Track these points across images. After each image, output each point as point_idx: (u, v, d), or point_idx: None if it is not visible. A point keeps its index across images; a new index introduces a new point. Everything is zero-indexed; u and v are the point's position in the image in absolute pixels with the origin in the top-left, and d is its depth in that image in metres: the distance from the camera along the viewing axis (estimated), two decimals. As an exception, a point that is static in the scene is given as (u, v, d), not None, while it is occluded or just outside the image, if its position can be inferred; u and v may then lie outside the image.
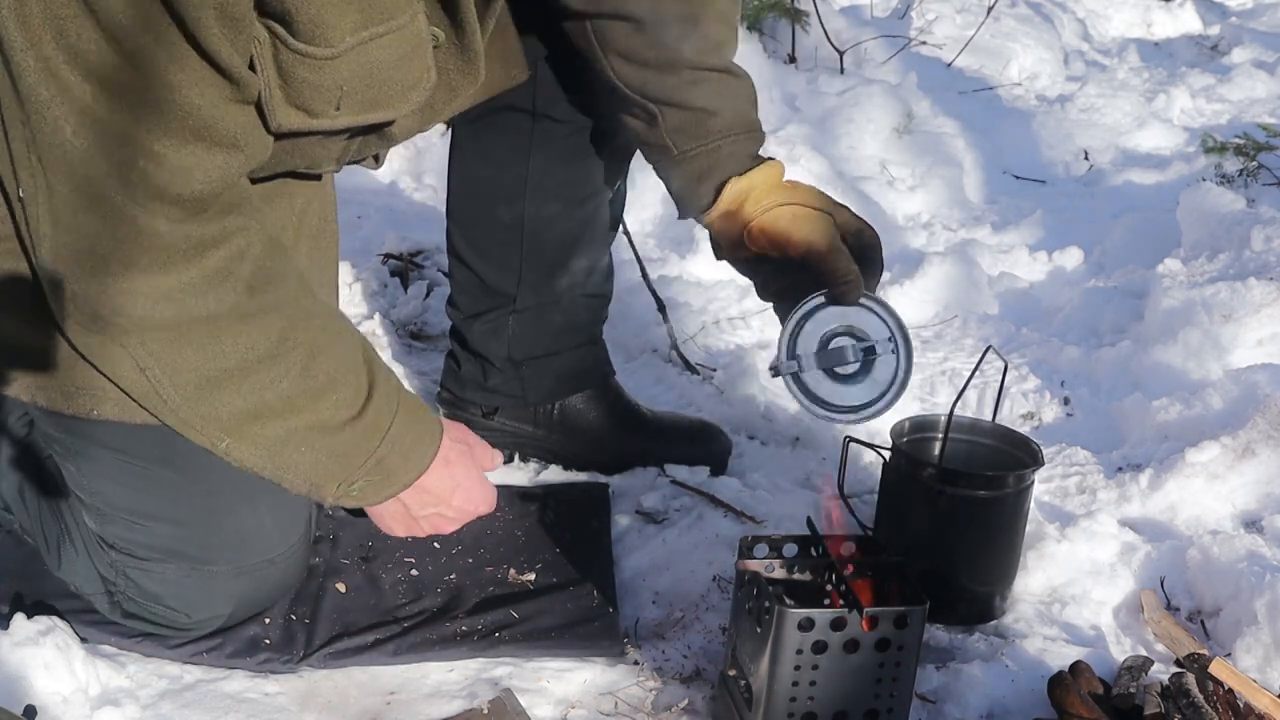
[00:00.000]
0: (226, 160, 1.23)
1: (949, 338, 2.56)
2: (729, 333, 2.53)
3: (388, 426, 1.41)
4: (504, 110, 1.79)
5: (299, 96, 1.26)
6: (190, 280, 1.25)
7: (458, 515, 1.52)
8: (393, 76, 1.29)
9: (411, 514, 1.49)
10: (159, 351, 1.28)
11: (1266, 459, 1.91)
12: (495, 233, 1.88)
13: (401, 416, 1.42)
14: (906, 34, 4.62)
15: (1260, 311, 2.29)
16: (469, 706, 1.46)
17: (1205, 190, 2.87)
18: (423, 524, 1.51)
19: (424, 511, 1.50)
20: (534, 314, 1.92)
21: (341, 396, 1.38)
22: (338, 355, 1.38)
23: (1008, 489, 1.62)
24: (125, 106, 1.16)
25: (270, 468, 1.37)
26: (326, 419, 1.37)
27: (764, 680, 1.34)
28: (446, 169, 1.93)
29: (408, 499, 1.47)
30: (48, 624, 1.43)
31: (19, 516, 1.59)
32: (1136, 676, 1.49)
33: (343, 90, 1.27)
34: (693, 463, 1.97)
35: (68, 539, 1.52)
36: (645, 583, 1.71)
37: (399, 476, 1.44)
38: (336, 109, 1.29)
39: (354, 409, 1.38)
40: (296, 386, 1.34)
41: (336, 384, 1.37)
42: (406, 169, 3.29)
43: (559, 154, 1.81)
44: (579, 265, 1.91)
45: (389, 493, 1.45)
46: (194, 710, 1.43)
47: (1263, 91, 4.68)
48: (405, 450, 1.43)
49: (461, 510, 1.52)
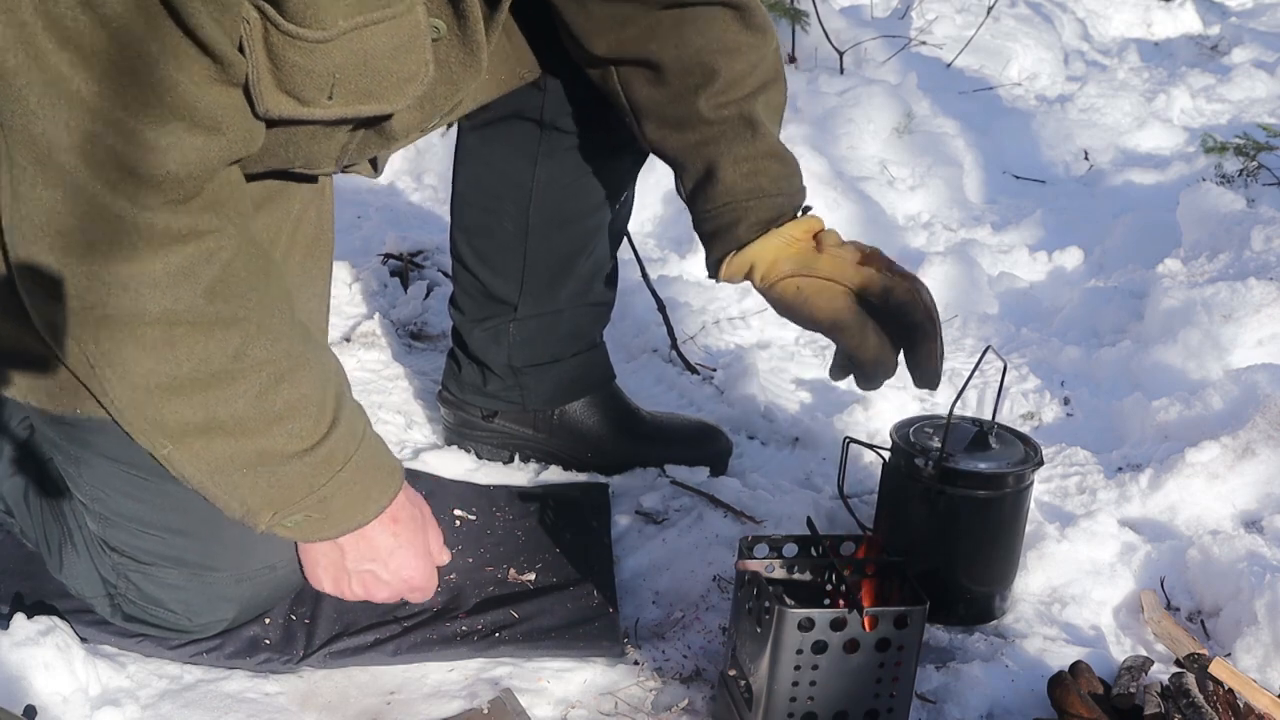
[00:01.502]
0: (206, 144, 1.18)
1: (949, 338, 2.56)
2: (729, 333, 2.53)
3: (339, 467, 1.35)
4: (512, 119, 1.78)
5: (290, 82, 1.22)
6: (150, 272, 1.19)
7: (392, 581, 1.46)
8: (388, 67, 1.26)
9: (345, 564, 1.44)
10: (111, 352, 1.23)
11: (1266, 459, 1.91)
12: (499, 240, 1.88)
13: (359, 461, 1.36)
14: (906, 34, 4.62)
15: (1260, 311, 2.29)
16: (469, 706, 1.46)
17: (1205, 190, 2.87)
18: (353, 580, 1.45)
19: (359, 566, 1.44)
20: (535, 322, 1.92)
21: (298, 426, 1.31)
22: (301, 383, 1.32)
23: (1007, 489, 1.62)
24: (100, 78, 1.11)
25: (208, 485, 1.31)
26: (277, 447, 1.30)
27: (764, 680, 1.34)
28: (450, 171, 1.92)
29: (346, 545, 1.42)
30: (48, 624, 1.43)
31: (20, 520, 1.59)
32: (1136, 676, 1.49)
33: (335, 78, 1.23)
34: (693, 463, 1.97)
35: (69, 542, 1.52)
36: (645, 583, 1.71)
37: (339, 521, 1.39)
38: (329, 97, 1.25)
39: (308, 442, 1.32)
40: (251, 409, 1.28)
41: (295, 413, 1.31)
42: (406, 169, 3.29)
43: (565, 165, 1.81)
44: (582, 275, 1.91)
45: (326, 534, 1.40)
46: (194, 710, 1.43)
47: (1263, 91, 4.68)
48: (353, 496, 1.38)
49: (397, 577, 1.45)
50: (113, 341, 1.22)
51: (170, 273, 1.20)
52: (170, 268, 1.20)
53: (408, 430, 2.07)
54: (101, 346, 1.22)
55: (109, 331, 1.22)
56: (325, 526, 1.39)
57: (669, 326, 2.39)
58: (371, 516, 1.40)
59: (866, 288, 1.54)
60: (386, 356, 2.29)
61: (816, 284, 1.54)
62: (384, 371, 2.25)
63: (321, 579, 1.47)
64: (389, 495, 1.42)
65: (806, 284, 1.54)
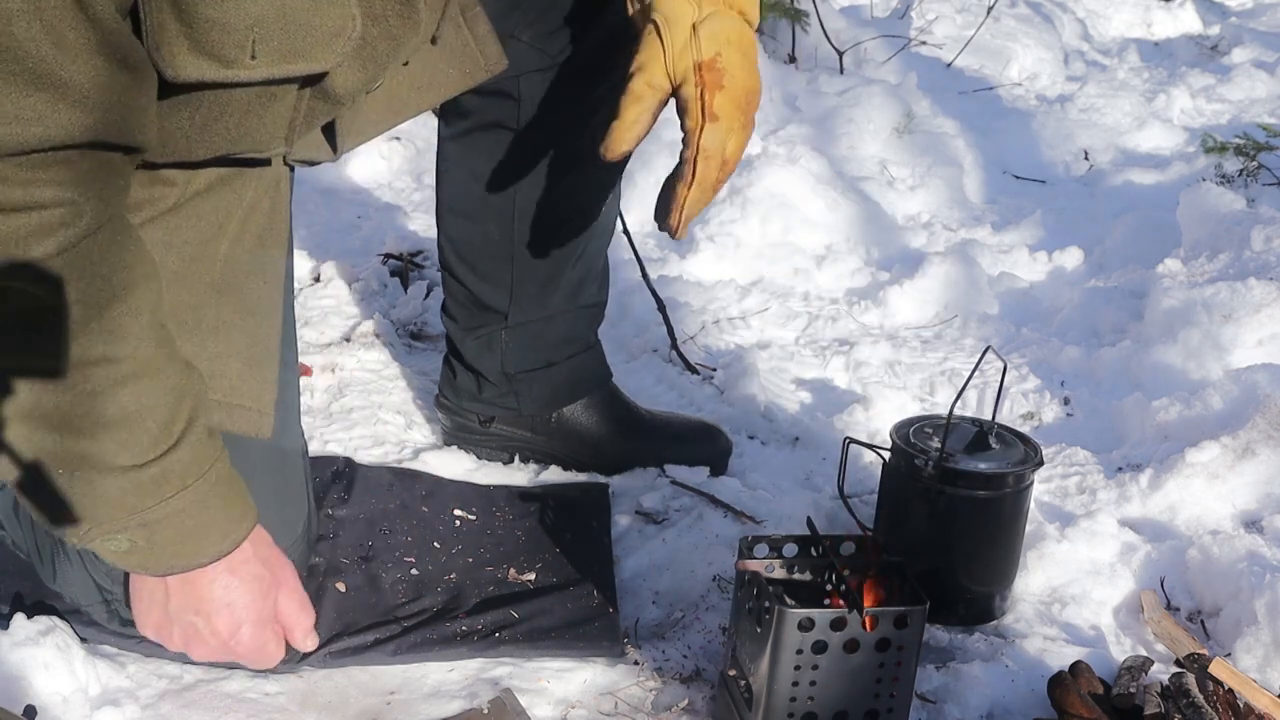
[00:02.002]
0: (72, 119, 1.07)
1: (949, 338, 2.57)
2: (729, 333, 2.53)
3: (172, 494, 1.24)
4: (490, 128, 1.78)
5: (206, 41, 1.13)
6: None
7: (214, 641, 1.33)
8: (310, 20, 1.17)
9: (168, 609, 1.33)
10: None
11: (1266, 459, 1.91)
12: (486, 250, 1.87)
13: (199, 493, 1.26)
14: (906, 34, 4.62)
15: (1260, 311, 2.29)
16: (469, 706, 1.46)
17: (1205, 190, 2.87)
18: (175, 630, 1.34)
19: (182, 614, 1.33)
20: (527, 329, 1.91)
21: (130, 438, 1.21)
22: (146, 392, 1.21)
23: (1007, 489, 1.62)
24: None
25: (14, 477, 1.20)
26: (103, 455, 1.20)
27: (764, 680, 1.34)
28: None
29: (172, 588, 1.31)
30: (48, 624, 1.43)
31: (11, 531, 1.57)
32: (1136, 676, 1.49)
33: (255, 32, 1.15)
34: (693, 463, 1.97)
35: (61, 550, 1.48)
36: (645, 583, 1.71)
37: (166, 556, 1.28)
38: (252, 56, 1.16)
39: (139, 458, 1.21)
40: (80, 406, 1.18)
41: (129, 423, 1.20)
42: (406, 169, 3.29)
43: (547, 172, 1.80)
44: (572, 279, 1.90)
45: (151, 568, 1.29)
46: (194, 710, 1.43)
47: (1263, 91, 4.68)
48: (184, 530, 1.26)
49: (219, 638, 1.33)
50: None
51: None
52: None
53: (408, 430, 2.07)
54: None
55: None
56: (150, 558, 1.27)
57: (669, 326, 2.39)
58: (206, 559, 1.29)
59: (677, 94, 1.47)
60: (386, 356, 2.29)
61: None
62: (384, 372, 2.25)
63: (144, 621, 1.36)
64: (230, 541, 1.30)
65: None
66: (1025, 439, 1.68)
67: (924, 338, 2.56)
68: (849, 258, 2.85)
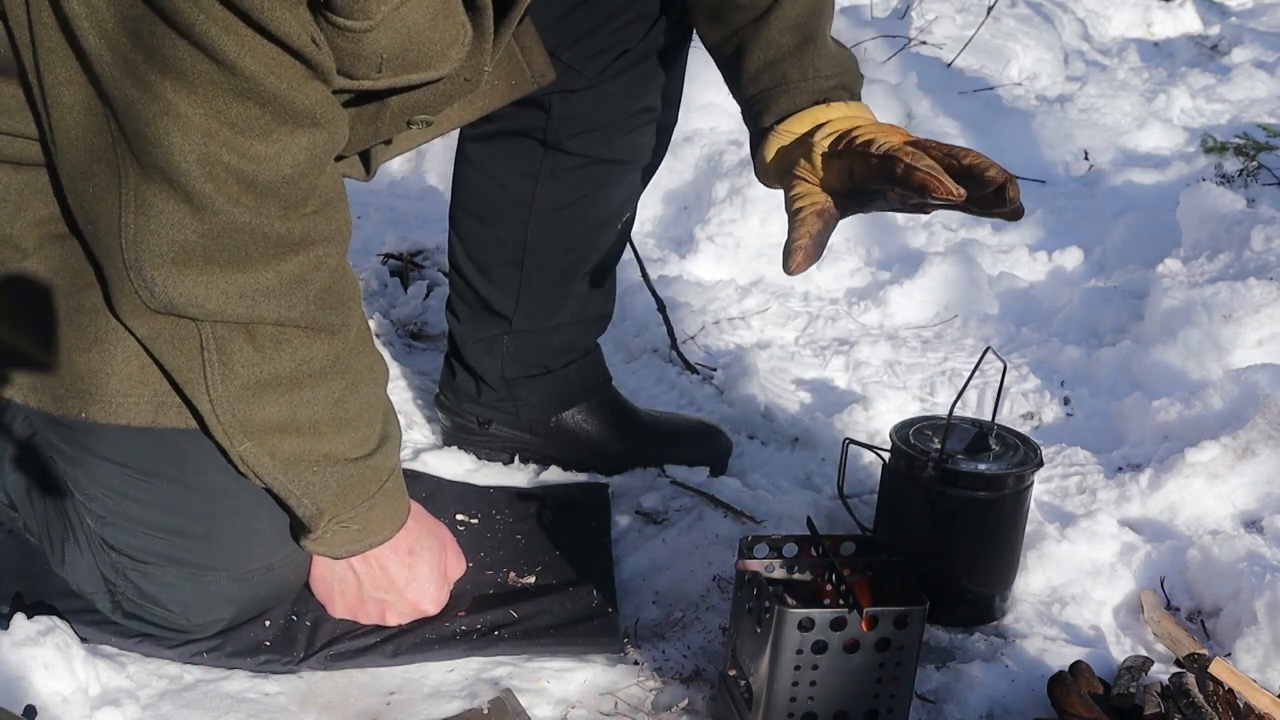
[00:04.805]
0: (311, 140, 1.27)
1: (949, 338, 2.57)
2: (729, 333, 2.53)
3: (386, 478, 1.46)
4: (516, 135, 1.78)
5: (340, 65, 1.29)
6: (266, 283, 1.29)
7: (407, 609, 1.55)
8: (429, 37, 1.31)
9: (362, 593, 1.53)
10: (225, 339, 1.31)
11: (1266, 459, 1.91)
12: (496, 254, 1.88)
13: (395, 478, 1.48)
14: (906, 34, 4.62)
15: (1260, 311, 2.29)
16: (469, 706, 1.46)
17: (1205, 190, 2.87)
18: (369, 607, 1.54)
19: (375, 594, 1.53)
20: (530, 337, 1.91)
21: (360, 436, 1.43)
22: (367, 394, 1.44)
23: (1007, 489, 1.62)
24: (204, 101, 1.19)
25: (281, 481, 1.40)
26: (340, 451, 1.41)
27: (764, 680, 1.34)
28: (450, 174, 1.92)
29: (363, 575, 1.51)
30: (48, 624, 1.43)
31: (24, 514, 1.59)
32: (1136, 676, 1.49)
33: (383, 58, 1.30)
34: (693, 463, 1.97)
35: (72, 537, 1.52)
36: (645, 583, 1.71)
37: (375, 532, 1.48)
38: (378, 71, 1.31)
39: (366, 449, 1.43)
40: (328, 413, 1.38)
41: (359, 422, 1.42)
42: (407, 169, 3.29)
43: (567, 187, 1.81)
44: (579, 293, 1.90)
45: (357, 547, 1.48)
46: (194, 710, 1.43)
47: (1263, 91, 4.67)
48: (388, 510, 1.49)
49: (411, 605, 1.54)
50: (228, 330, 1.31)
51: (284, 281, 1.29)
52: (284, 276, 1.30)
53: (408, 431, 2.07)
54: (218, 332, 1.31)
55: (227, 329, 1.31)
56: (362, 537, 1.47)
57: (669, 326, 2.39)
58: (397, 529, 1.50)
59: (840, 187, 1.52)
60: (386, 357, 2.29)
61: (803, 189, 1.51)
62: (384, 371, 2.25)
63: (337, 605, 1.55)
64: (405, 513, 1.52)
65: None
66: (1025, 439, 1.68)
67: (924, 338, 2.56)
68: (849, 257, 2.85)
